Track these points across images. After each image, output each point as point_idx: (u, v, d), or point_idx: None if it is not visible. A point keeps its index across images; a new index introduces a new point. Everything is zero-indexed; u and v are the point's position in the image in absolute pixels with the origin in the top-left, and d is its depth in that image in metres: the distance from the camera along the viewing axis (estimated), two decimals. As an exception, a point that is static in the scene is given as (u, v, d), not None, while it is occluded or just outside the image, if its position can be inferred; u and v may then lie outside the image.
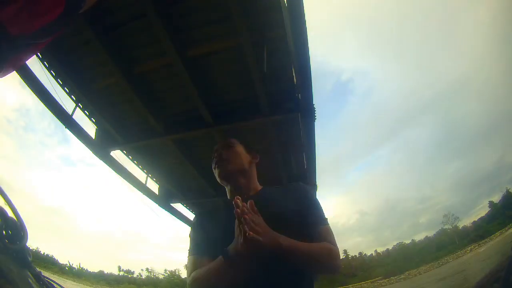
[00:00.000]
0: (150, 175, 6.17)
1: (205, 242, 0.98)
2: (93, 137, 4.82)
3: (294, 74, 3.73)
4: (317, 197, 1.10)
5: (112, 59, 3.63)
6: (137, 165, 5.80)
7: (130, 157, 5.55)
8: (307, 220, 0.95)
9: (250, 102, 4.08)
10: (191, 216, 7.91)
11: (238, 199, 0.81)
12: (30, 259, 0.84)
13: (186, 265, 1.01)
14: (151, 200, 6.36)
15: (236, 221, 0.80)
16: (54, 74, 3.92)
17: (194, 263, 0.95)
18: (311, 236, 0.91)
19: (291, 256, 0.82)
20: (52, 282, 0.94)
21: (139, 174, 5.92)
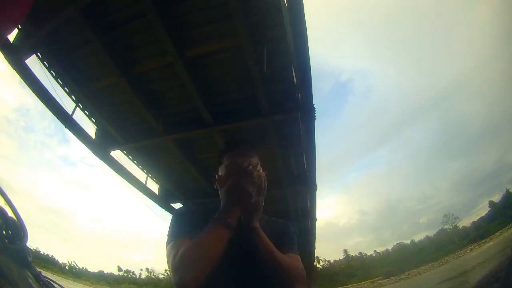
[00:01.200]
0: (150, 175, 6.17)
1: (193, 231, 0.89)
2: (93, 137, 4.82)
3: (294, 74, 3.73)
4: (295, 229, 1.13)
5: (112, 59, 3.63)
6: (137, 165, 5.80)
7: (130, 157, 5.56)
8: (281, 248, 0.95)
9: (250, 102, 4.07)
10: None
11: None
12: (30, 259, 0.84)
13: (167, 252, 0.89)
14: (151, 200, 6.37)
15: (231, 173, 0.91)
16: (54, 74, 3.92)
17: (181, 245, 0.86)
18: None
19: (261, 241, 0.87)
20: (52, 282, 0.94)
21: (139, 174, 5.94)
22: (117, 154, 5.25)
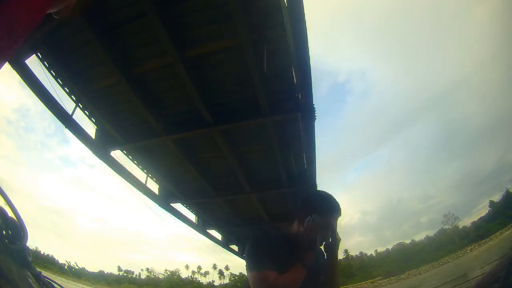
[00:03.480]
0: (150, 175, 6.16)
1: (273, 260, 1.16)
2: (93, 137, 4.82)
3: (294, 74, 3.73)
4: None
5: (112, 59, 3.63)
6: (137, 165, 5.79)
7: (130, 157, 5.55)
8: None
9: (250, 102, 4.07)
10: (191, 216, 7.93)
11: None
12: (30, 259, 0.84)
13: (255, 279, 1.16)
14: (151, 200, 6.37)
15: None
16: (54, 74, 3.91)
17: (270, 275, 1.13)
18: None
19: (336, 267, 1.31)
20: (52, 282, 0.94)
21: (139, 174, 5.93)
22: (117, 154, 5.25)
